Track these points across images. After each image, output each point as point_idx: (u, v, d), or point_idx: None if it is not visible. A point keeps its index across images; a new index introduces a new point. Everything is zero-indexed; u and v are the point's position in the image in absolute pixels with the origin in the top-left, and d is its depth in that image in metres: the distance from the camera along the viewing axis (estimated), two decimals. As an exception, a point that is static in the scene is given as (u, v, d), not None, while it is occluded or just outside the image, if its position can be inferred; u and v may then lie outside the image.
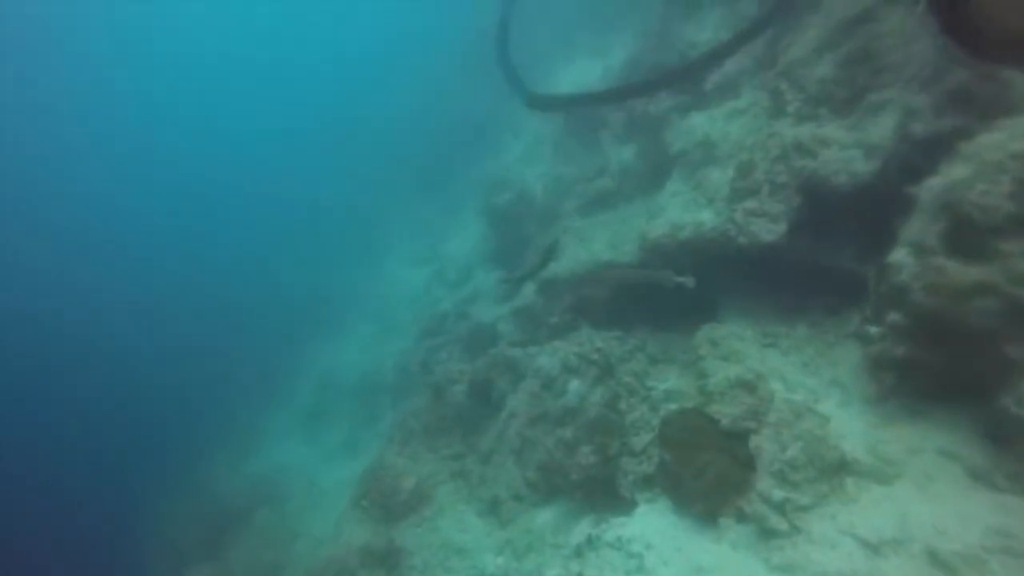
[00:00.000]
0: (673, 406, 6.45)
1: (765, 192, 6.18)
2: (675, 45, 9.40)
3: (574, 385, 6.61)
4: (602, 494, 6.41)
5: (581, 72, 13.76)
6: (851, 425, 4.87)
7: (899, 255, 4.51)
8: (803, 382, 5.52)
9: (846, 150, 5.62)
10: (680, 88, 8.51)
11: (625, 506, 6.14)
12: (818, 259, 6.17)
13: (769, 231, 6.06)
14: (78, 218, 37.99)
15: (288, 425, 18.14)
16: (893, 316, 4.54)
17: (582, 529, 5.97)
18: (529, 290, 9.30)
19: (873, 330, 4.76)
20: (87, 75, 39.68)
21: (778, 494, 4.61)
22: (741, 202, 6.40)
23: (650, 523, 5.47)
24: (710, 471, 5.05)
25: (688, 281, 5.85)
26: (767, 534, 4.60)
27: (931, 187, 4.36)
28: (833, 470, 4.61)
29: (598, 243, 8.63)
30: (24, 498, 21.90)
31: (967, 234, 4.00)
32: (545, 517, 6.90)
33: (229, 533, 13.71)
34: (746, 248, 6.27)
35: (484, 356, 9.39)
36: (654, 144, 9.18)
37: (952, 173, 4.19)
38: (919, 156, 4.95)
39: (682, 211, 7.17)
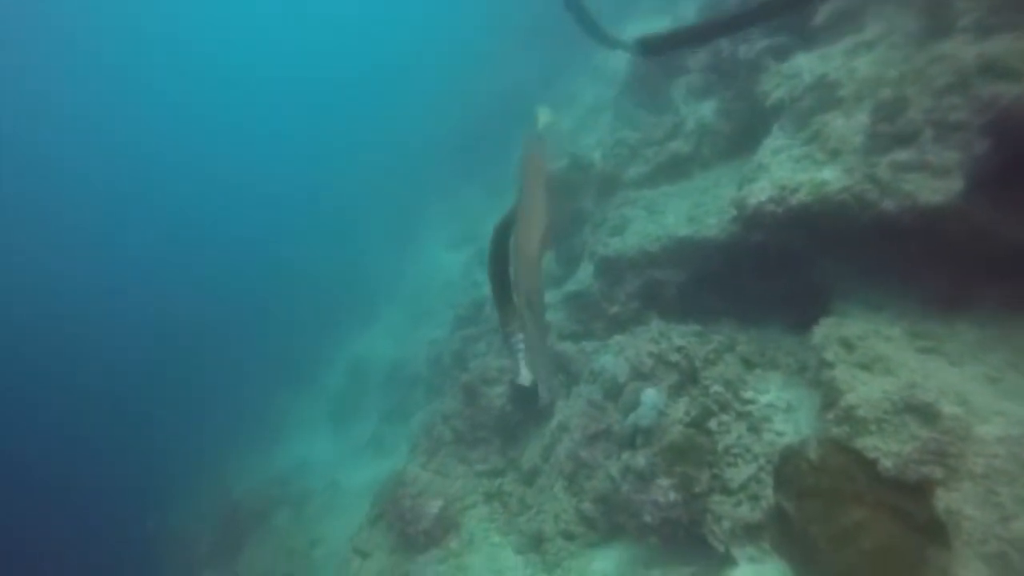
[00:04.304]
0: (783, 427, 4.81)
1: (927, 137, 4.42)
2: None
3: (649, 395, 4.98)
4: (684, 542, 4.81)
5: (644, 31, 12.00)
6: (1101, 481, 3.14)
7: None
8: (999, 407, 3.77)
9: (1071, 67, 3.82)
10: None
11: (716, 562, 4.56)
12: (1001, 230, 4.39)
13: (935, 190, 4.29)
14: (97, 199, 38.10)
15: (315, 416, 17.17)
16: None
17: (658, 593, 4.39)
18: (585, 273, 7.67)
19: None
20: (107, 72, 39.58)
21: (995, 591, 2.93)
22: (886, 153, 4.66)
23: (762, 600, 3.85)
24: (864, 538, 3.38)
25: None
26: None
27: None
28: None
29: (672, 215, 6.95)
30: (31, 495, 21.42)
31: None
32: (604, 565, 5.35)
33: (246, 535, 12.66)
34: (893, 216, 4.53)
35: (529, 351, 7.86)
36: (742, 96, 7.43)
37: None
38: None
39: (792, 169, 5.42)
